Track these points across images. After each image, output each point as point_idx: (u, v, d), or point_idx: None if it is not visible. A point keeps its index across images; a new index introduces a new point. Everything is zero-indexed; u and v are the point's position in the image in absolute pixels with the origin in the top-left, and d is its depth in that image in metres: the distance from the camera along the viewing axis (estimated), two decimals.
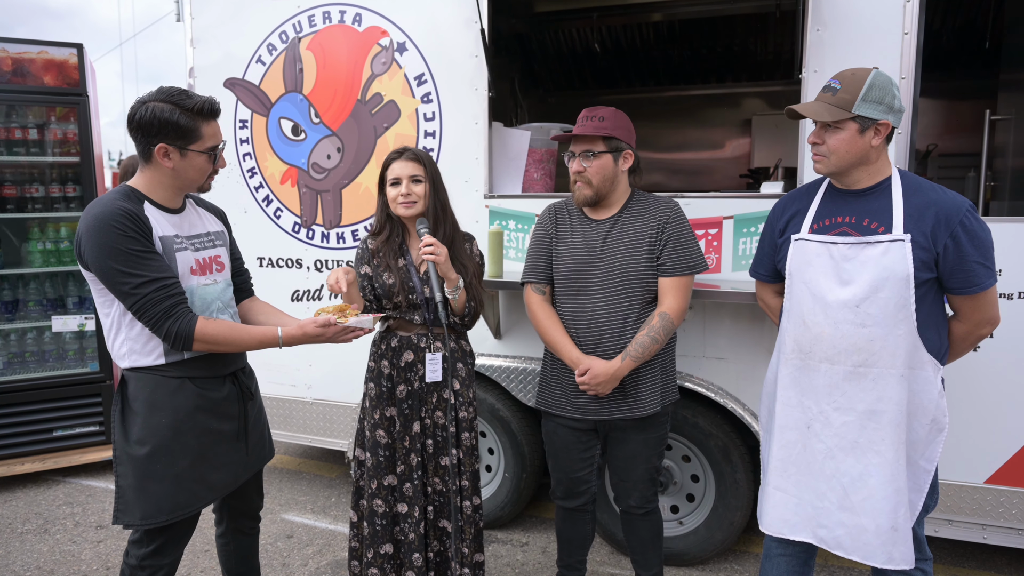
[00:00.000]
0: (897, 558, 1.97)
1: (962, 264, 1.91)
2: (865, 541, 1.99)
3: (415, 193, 2.39)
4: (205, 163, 2.03)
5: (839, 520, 2.03)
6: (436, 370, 2.43)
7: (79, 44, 4.30)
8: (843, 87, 1.94)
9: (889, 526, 1.96)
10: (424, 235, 2.33)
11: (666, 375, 2.48)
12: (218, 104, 2.07)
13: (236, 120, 3.75)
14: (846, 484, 2.02)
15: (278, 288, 3.76)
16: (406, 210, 2.39)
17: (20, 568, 3.23)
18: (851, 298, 1.96)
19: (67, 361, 4.49)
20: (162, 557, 2.08)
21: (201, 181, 2.07)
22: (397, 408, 2.45)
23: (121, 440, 2.03)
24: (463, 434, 2.49)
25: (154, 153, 1.97)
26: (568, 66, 5.71)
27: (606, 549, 3.37)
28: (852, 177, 2.02)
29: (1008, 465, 2.70)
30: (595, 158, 2.36)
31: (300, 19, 3.56)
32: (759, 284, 2.38)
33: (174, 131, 1.95)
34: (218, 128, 2.07)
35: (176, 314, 1.93)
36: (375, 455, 2.47)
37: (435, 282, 2.30)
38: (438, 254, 2.29)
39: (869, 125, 1.93)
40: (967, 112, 4.93)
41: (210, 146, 2.02)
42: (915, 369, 1.97)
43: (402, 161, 2.41)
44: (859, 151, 1.96)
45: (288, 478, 4.27)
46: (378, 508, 2.47)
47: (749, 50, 5.26)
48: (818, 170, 2.04)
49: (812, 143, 2.01)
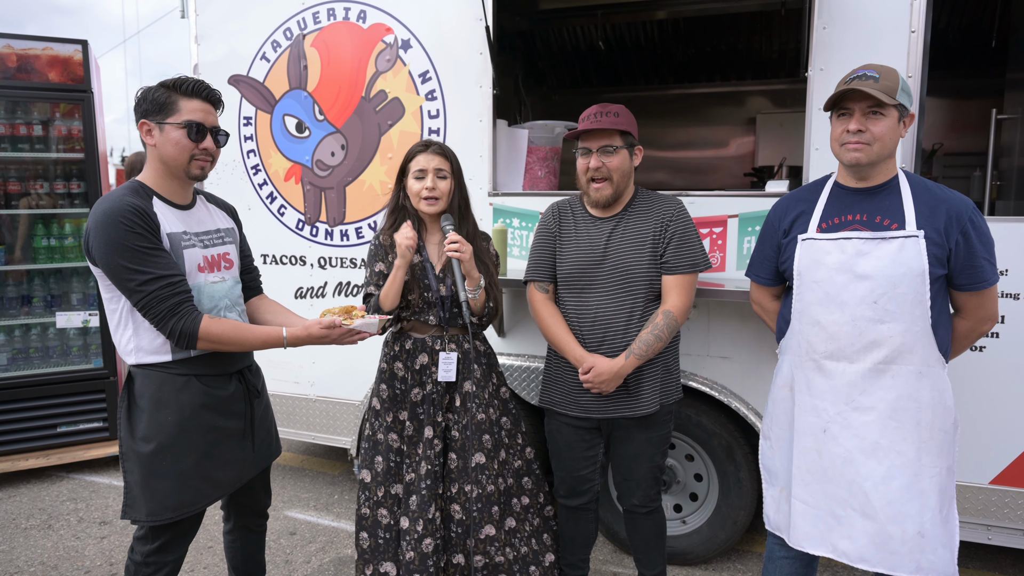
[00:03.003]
0: (926, 567, 1.89)
1: (972, 260, 1.92)
2: (892, 550, 1.91)
3: (440, 189, 2.32)
4: (182, 138, 1.99)
5: (863, 529, 1.96)
6: (450, 369, 2.36)
7: (84, 40, 4.30)
8: (882, 76, 1.92)
9: (915, 532, 1.89)
10: (449, 231, 2.28)
11: (670, 374, 2.48)
12: (210, 87, 2.05)
13: (240, 117, 3.75)
14: (868, 489, 1.95)
15: (282, 285, 3.76)
16: (429, 207, 2.33)
17: (24, 564, 3.24)
18: (868, 293, 1.94)
19: (71, 357, 4.50)
20: (167, 554, 2.08)
21: (183, 161, 2.01)
22: (410, 412, 2.39)
23: (127, 437, 2.03)
24: (483, 436, 2.42)
25: (141, 134, 1.99)
26: (572, 64, 5.70)
27: (609, 548, 3.37)
28: (876, 170, 1.99)
29: (1013, 466, 2.69)
30: (615, 153, 2.35)
31: (304, 16, 3.55)
32: (756, 287, 2.34)
33: (151, 105, 1.98)
34: (204, 108, 2.03)
35: (181, 312, 1.93)
36: (385, 460, 2.40)
37: (459, 280, 2.23)
38: (463, 251, 2.24)
39: (904, 115, 1.96)
40: (973, 111, 4.91)
41: (186, 120, 1.99)
42: (932, 367, 1.95)
43: (428, 154, 2.34)
44: (896, 141, 1.97)
45: (291, 475, 4.27)
46: (382, 519, 2.39)
47: (754, 48, 5.24)
48: (858, 160, 1.95)
49: (856, 130, 1.93)
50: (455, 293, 2.33)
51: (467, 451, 2.38)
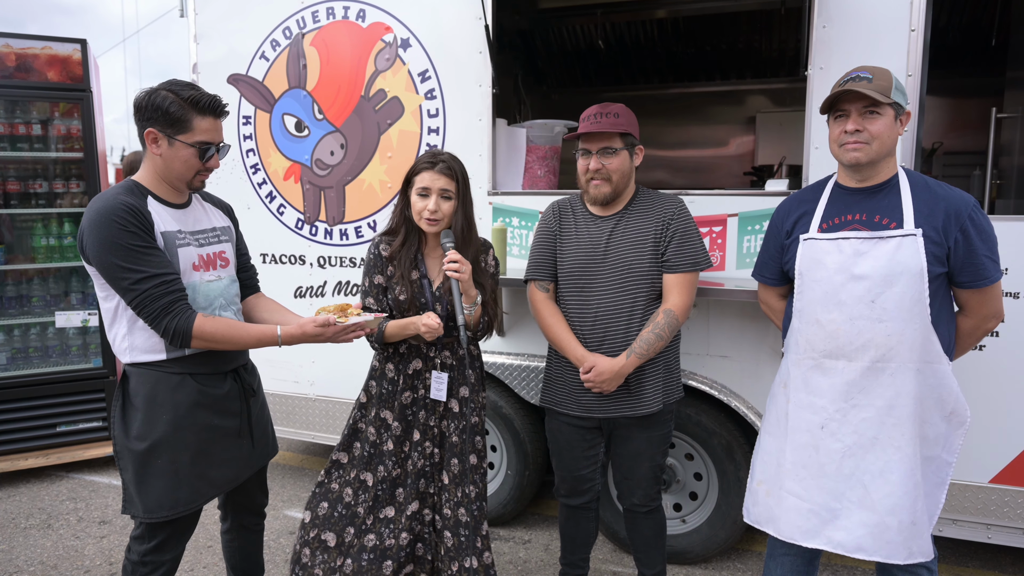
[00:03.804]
0: (916, 552, 1.98)
1: (972, 258, 1.94)
2: (888, 539, 1.98)
3: (443, 211, 2.25)
4: (191, 157, 1.99)
5: (860, 520, 2.01)
6: (441, 389, 2.35)
7: (83, 40, 4.30)
8: (875, 76, 1.95)
9: (909, 521, 1.97)
10: (449, 250, 2.22)
11: (670, 373, 2.47)
12: (222, 102, 2.04)
13: (240, 116, 3.75)
14: (867, 482, 2.00)
15: (281, 285, 3.76)
16: (430, 227, 2.27)
17: (24, 563, 3.24)
18: (866, 293, 1.96)
19: (70, 357, 4.49)
20: (164, 553, 2.08)
21: (188, 176, 2.03)
22: (399, 413, 2.38)
23: (121, 436, 2.03)
24: (475, 438, 2.42)
25: (146, 140, 1.98)
26: (572, 63, 5.69)
27: (609, 547, 3.37)
28: (876, 169, 2.01)
29: (1013, 465, 2.69)
30: (615, 155, 2.35)
31: (304, 15, 3.55)
32: (762, 287, 2.37)
33: (164, 118, 1.95)
34: (215, 126, 2.03)
35: (175, 311, 1.92)
36: (363, 448, 2.39)
37: (457, 300, 2.17)
38: (462, 271, 2.18)
39: (900, 113, 1.98)
40: (973, 110, 4.90)
41: (200, 140, 1.99)
42: (931, 363, 1.98)
43: (435, 173, 2.25)
44: (894, 139, 1.99)
45: (291, 474, 4.27)
46: (346, 497, 2.38)
47: (754, 47, 5.24)
48: (858, 159, 1.97)
49: (854, 131, 1.95)
50: (452, 312, 2.30)
51: (464, 454, 2.39)
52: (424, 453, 2.38)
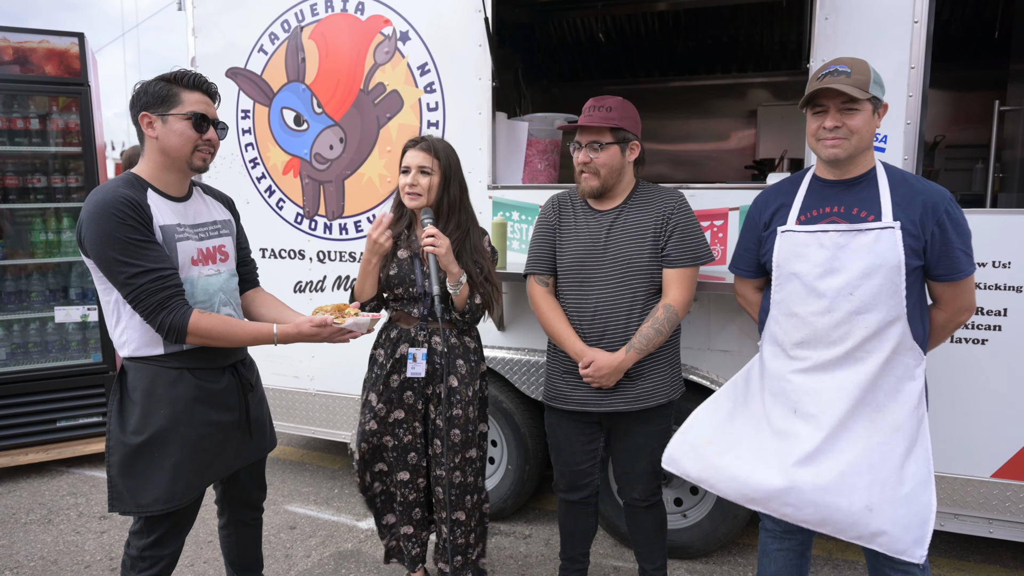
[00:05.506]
0: (867, 536, 1.94)
1: (948, 251, 1.95)
2: (836, 520, 1.97)
3: (421, 185, 2.39)
4: (187, 128, 1.98)
5: (811, 499, 1.99)
6: (417, 366, 2.43)
7: (80, 33, 4.28)
8: (854, 70, 1.94)
9: (863, 505, 1.94)
10: (427, 225, 2.31)
11: (671, 367, 2.46)
12: (205, 79, 2.05)
13: (238, 110, 3.73)
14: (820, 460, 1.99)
15: (281, 279, 3.75)
16: (411, 201, 2.41)
17: (24, 558, 3.24)
18: (844, 285, 1.97)
19: (70, 352, 4.49)
20: (162, 548, 2.07)
21: (187, 152, 2.01)
22: (385, 396, 2.49)
23: (117, 430, 2.01)
24: (452, 431, 2.48)
25: (142, 127, 1.98)
26: (572, 56, 5.67)
27: (609, 542, 3.37)
28: (854, 162, 2.02)
29: (1015, 459, 2.68)
30: (602, 149, 2.34)
31: (302, 8, 3.53)
32: (739, 280, 2.36)
33: (153, 98, 1.97)
34: (205, 100, 2.04)
35: (171, 306, 1.91)
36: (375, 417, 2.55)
37: (434, 275, 2.28)
38: (439, 246, 2.26)
39: (878, 107, 1.99)
40: (976, 103, 4.87)
41: (192, 111, 1.99)
42: (902, 355, 1.98)
43: (415, 151, 2.43)
44: (872, 132, 1.99)
45: (291, 469, 4.27)
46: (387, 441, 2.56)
47: (755, 40, 5.21)
48: (836, 155, 1.99)
49: (832, 127, 1.96)
50: (444, 291, 2.36)
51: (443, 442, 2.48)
52: (411, 431, 2.52)
